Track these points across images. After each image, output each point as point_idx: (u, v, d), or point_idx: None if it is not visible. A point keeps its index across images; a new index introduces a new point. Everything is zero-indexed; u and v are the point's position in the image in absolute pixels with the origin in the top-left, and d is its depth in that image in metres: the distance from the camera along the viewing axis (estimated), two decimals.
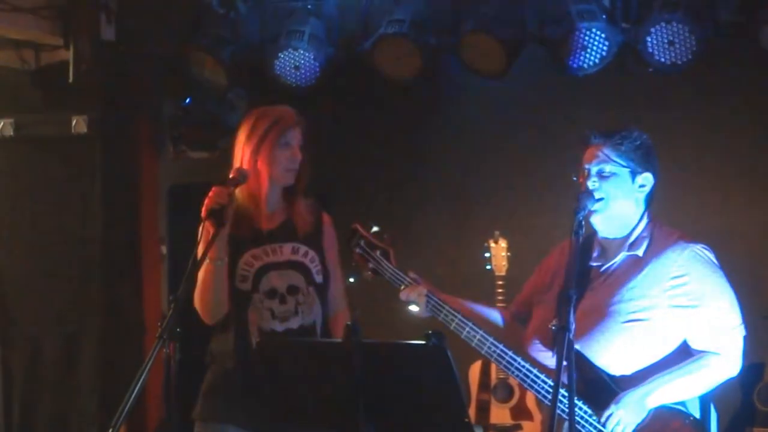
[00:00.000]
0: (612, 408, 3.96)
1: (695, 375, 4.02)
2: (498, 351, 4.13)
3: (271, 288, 4.40)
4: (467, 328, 4.18)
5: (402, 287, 4.34)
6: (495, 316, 4.52)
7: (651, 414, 3.99)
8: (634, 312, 4.04)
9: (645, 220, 4.17)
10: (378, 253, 4.43)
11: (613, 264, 4.16)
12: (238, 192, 4.35)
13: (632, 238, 4.15)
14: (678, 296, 4.04)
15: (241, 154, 4.42)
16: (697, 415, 4.09)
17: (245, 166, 4.38)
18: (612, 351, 4.03)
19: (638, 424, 3.98)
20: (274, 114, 4.46)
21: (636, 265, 4.11)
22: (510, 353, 4.12)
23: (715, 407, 4.19)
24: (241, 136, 4.45)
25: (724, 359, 4.04)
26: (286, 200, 4.52)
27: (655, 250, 4.12)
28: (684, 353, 4.07)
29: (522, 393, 6.71)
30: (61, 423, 6.78)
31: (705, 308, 4.04)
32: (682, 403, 4.04)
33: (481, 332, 4.16)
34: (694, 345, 4.06)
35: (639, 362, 4.04)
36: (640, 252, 4.12)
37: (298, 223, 4.50)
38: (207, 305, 4.31)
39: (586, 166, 4.13)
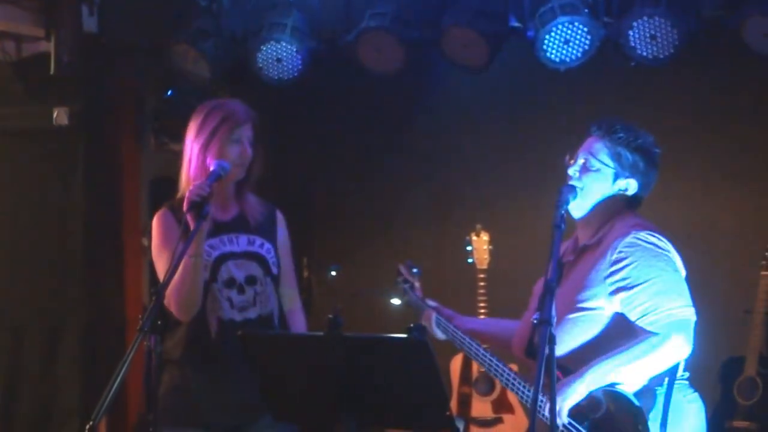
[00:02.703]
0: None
1: (637, 357, 3.93)
2: (494, 364, 4.30)
3: (229, 277, 4.40)
4: (465, 344, 4.42)
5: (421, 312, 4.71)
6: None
7: (588, 397, 3.93)
8: (578, 303, 4.04)
9: (610, 214, 4.15)
10: (407, 285, 4.80)
11: (572, 257, 4.19)
12: None
13: (590, 233, 4.16)
14: (616, 281, 4.00)
15: (190, 149, 4.40)
16: (635, 400, 3.96)
17: (194, 162, 4.37)
18: (561, 343, 3.93)
19: (572, 407, 3.93)
20: (224, 109, 4.43)
21: (590, 258, 4.11)
22: (502, 366, 4.26)
23: (702, 396, 4.17)
24: (191, 132, 4.42)
25: (663, 340, 3.91)
26: (238, 194, 4.50)
27: (607, 241, 4.09)
28: (627, 333, 4.01)
29: (503, 387, 6.71)
30: (42, 416, 6.76)
31: (640, 288, 3.96)
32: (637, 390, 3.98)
33: (481, 349, 4.37)
34: (638, 324, 3.97)
35: (569, 346, 4.03)
36: (594, 244, 4.12)
37: (251, 215, 4.50)
38: (184, 301, 4.27)
39: (579, 153, 4.15)
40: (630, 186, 4.14)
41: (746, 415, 6.19)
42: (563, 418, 3.94)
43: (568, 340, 4.04)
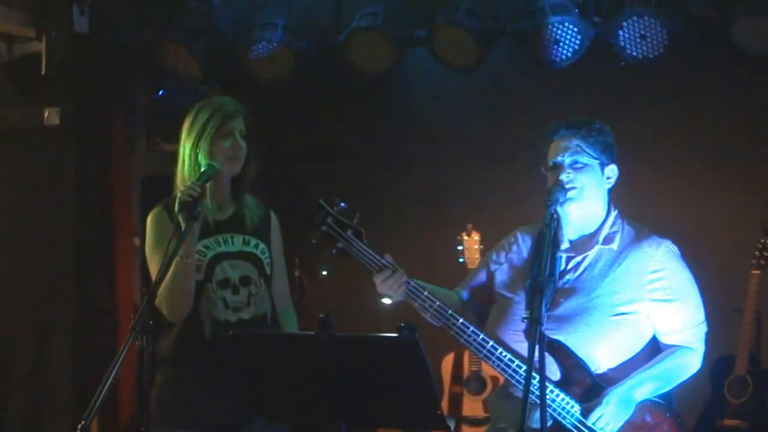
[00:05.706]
0: (599, 408, 3.98)
1: (674, 370, 4.08)
2: (479, 339, 4.07)
3: (224, 278, 4.37)
4: (446, 316, 4.08)
5: (377, 271, 4.12)
6: (455, 296, 4.44)
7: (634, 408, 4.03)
8: (619, 305, 4.05)
9: (613, 214, 4.18)
10: (349, 232, 4.14)
11: (586, 257, 4.16)
12: None
13: (604, 232, 4.15)
14: (656, 290, 4.07)
15: (182, 149, 4.38)
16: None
17: (188, 161, 4.36)
18: (601, 345, 4.03)
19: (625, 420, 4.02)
20: (213, 105, 4.41)
21: (613, 259, 4.12)
22: (491, 342, 4.07)
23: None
24: (183, 132, 4.41)
25: (695, 354, 4.12)
26: (235, 192, 4.47)
27: (629, 243, 4.13)
28: (654, 348, 4.10)
29: (494, 386, 6.72)
30: (33, 417, 6.75)
31: (679, 303, 4.08)
32: (660, 396, 4.09)
33: (461, 320, 4.08)
34: (666, 340, 4.09)
35: (621, 356, 4.07)
36: (614, 246, 4.13)
37: (247, 216, 4.48)
38: (175, 302, 4.25)
39: (559, 159, 4.12)
40: (613, 172, 4.18)
41: (736, 413, 6.20)
42: None
43: (609, 344, 4.06)
